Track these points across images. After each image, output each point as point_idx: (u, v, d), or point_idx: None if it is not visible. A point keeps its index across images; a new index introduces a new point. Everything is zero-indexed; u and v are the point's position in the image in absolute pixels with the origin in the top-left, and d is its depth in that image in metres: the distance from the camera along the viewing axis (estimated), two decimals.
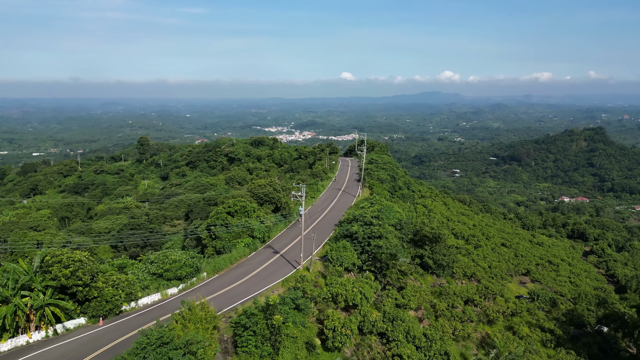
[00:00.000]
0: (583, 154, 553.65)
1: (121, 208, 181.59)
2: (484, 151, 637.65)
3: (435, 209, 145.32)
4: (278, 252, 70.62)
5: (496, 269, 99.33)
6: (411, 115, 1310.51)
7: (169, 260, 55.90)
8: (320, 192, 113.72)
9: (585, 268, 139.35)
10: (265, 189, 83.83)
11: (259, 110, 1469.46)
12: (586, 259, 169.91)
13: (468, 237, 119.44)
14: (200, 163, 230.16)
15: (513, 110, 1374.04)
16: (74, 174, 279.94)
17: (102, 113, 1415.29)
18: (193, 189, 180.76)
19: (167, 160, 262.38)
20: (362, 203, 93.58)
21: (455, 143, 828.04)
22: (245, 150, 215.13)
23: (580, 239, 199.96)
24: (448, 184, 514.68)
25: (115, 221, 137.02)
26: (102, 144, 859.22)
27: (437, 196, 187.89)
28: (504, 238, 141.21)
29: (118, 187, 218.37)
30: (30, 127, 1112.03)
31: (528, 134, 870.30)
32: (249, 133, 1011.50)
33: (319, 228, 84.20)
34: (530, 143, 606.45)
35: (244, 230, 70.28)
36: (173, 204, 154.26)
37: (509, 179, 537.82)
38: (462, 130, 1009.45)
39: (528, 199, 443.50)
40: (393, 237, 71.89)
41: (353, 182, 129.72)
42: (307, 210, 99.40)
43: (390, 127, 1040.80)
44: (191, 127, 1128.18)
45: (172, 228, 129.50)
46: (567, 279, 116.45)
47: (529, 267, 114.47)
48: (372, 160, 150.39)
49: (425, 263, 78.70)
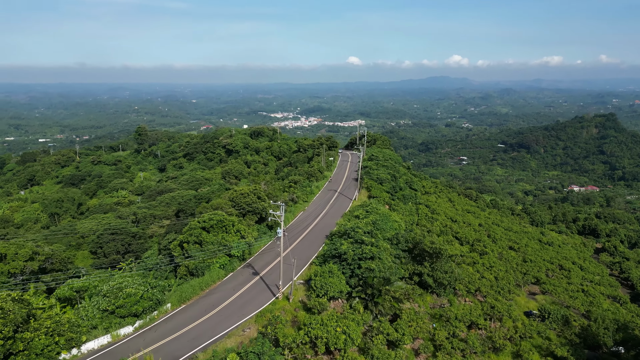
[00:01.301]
0: (593, 141, 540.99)
1: (113, 203, 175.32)
2: (492, 138, 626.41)
3: (439, 208, 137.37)
4: (258, 274, 62.91)
5: (503, 281, 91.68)
6: (419, 100, 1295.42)
7: (123, 295, 48.33)
8: (314, 195, 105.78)
9: (598, 271, 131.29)
10: (248, 198, 76.11)
11: (265, 96, 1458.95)
12: (598, 257, 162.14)
13: (473, 242, 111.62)
14: (197, 155, 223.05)
15: (522, 95, 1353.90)
16: (72, 164, 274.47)
17: (108, 98, 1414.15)
18: (187, 184, 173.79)
19: (165, 151, 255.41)
20: (357, 210, 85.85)
21: (463, 129, 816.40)
22: (243, 142, 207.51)
23: (591, 235, 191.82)
24: (455, 172, 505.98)
25: (102, 221, 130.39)
26: (108, 130, 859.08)
27: (441, 192, 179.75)
28: (512, 240, 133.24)
29: (113, 179, 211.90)
30: (37, 112, 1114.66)
31: (537, 120, 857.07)
32: (254, 119, 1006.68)
33: (308, 240, 76.63)
34: (540, 129, 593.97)
35: (220, 249, 62.87)
36: (164, 201, 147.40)
37: (517, 166, 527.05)
38: (470, 115, 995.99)
39: (536, 188, 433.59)
40: (387, 255, 64.22)
41: (351, 181, 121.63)
42: (299, 216, 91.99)
43: (397, 112, 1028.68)
44: (197, 113, 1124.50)
45: (160, 229, 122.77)
46: (580, 287, 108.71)
47: (539, 274, 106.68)
48: (373, 157, 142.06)
49: (425, 281, 71.18)
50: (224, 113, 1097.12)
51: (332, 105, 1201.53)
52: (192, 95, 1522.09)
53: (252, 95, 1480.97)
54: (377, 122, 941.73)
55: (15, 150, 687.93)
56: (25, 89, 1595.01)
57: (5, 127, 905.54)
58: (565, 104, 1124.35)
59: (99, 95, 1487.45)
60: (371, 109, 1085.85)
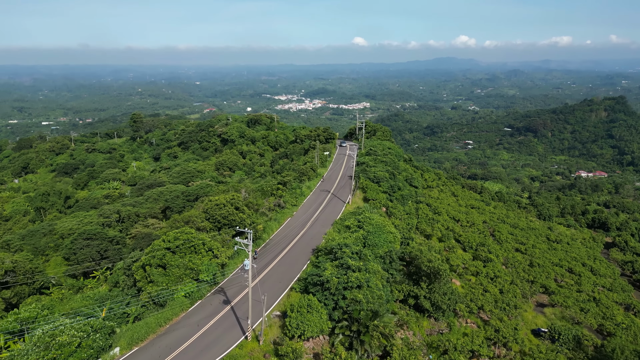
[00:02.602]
0: (602, 124, 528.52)
1: (102, 196, 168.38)
2: (499, 121, 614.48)
3: (441, 206, 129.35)
4: (229, 302, 55.19)
5: (509, 294, 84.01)
6: (425, 82, 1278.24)
7: (55, 345, 40.98)
8: (305, 197, 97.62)
9: (609, 273, 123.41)
10: (224, 210, 68.08)
11: (269, 78, 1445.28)
12: (608, 253, 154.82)
13: (477, 247, 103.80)
14: (192, 144, 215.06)
15: (530, 76, 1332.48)
16: (66, 152, 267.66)
17: (112, 80, 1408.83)
18: (178, 176, 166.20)
19: (160, 139, 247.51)
20: (348, 219, 77.95)
21: (469, 112, 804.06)
22: (239, 131, 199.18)
23: (601, 228, 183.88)
24: (460, 157, 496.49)
25: (83, 220, 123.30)
26: (111, 113, 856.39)
27: (445, 185, 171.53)
28: (518, 240, 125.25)
29: (105, 169, 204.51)
30: (41, 95, 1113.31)
31: (545, 102, 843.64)
32: (258, 101, 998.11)
33: (292, 256, 68.82)
34: (547, 113, 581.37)
35: (187, 273, 55.34)
36: (152, 196, 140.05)
37: (524, 151, 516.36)
38: (476, 98, 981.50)
39: (543, 174, 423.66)
40: (378, 281, 56.48)
41: (346, 180, 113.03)
42: (286, 223, 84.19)
43: (402, 95, 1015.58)
44: (200, 95, 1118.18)
45: (145, 229, 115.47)
46: (591, 294, 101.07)
47: (547, 282, 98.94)
48: (371, 151, 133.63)
49: (421, 304, 63.65)
50: (227, 95, 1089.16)
51: (336, 87, 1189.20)
52: (196, 77, 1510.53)
53: (256, 77, 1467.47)
54: (382, 105, 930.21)
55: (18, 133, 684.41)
56: (29, 71, 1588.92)
57: (8, 109, 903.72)
58: (573, 85, 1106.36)
59: (103, 77, 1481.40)
60: (376, 91, 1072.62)
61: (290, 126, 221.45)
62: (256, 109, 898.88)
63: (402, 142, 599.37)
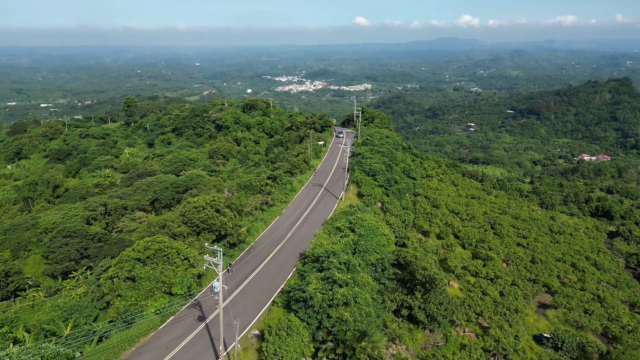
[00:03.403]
0: (606, 106, 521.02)
1: (93, 185, 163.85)
2: (501, 103, 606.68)
3: (440, 197, 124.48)
4: (204, 319, 50.51)
5: (509, 297, 79.58)
6: (427, 63, 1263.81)
7: None
8: (296, 192, 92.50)
9: (613, 266, 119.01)
10: (203, 213, 62.81)
11: (270, 59, 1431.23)
12: (611, 243, 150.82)
13: (476, 244, 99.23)
14: (186, 130, 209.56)
15: (534, 57, 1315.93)
16: (59, 137, 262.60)
17: (111, 62, 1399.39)
18: (170, 165, 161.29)
19: (154, 124, 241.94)
20: (340, 219, 73.16)
21: (472, 94, 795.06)
22: (234, 116, 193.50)
23: (604, 217, 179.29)
24: (462, 140, 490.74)
25: (68, 212, 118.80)
26: (110, 95, 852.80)
27: (445, 173, 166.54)
28: (520, 234, 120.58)
29: (98, 156, 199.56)
30: (40, 76, 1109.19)
31: (548, 83, 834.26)
32: (258, 83, 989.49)
33: (278, 261, 63.98)
34: (551, 94, 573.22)
35: (159, 286, 50.77)
36: (141, 187, 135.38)
37: (526, 133, 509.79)
38: (479, 79, 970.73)
39: (545, 157, 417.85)
40: (367, 294, 51.82)
41: (341, 172, 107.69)
42: (274, 222, 79.41)
43: (404, 76, 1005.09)
44: (200, 77, 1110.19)
45: (131, 223, 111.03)
46: (595, 291, 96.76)
47: (549, 280, 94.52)
48: (367, 140, 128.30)
49: (415, 316, 59.18)
50: (227, 77, 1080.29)
51: (338, 68, 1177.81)
52: (196, 58, 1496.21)
53: (256, 58, 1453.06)
54: (383, 86, 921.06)
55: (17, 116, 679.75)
56: (27, 52, 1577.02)
57: (7, 91, 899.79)
58: (577, 66, 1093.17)
59: (102, 59, 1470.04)
60: (378, 72, 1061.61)
61: (286, 112, 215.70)
62: (256, 90, 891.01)
63: (404, 124, 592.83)
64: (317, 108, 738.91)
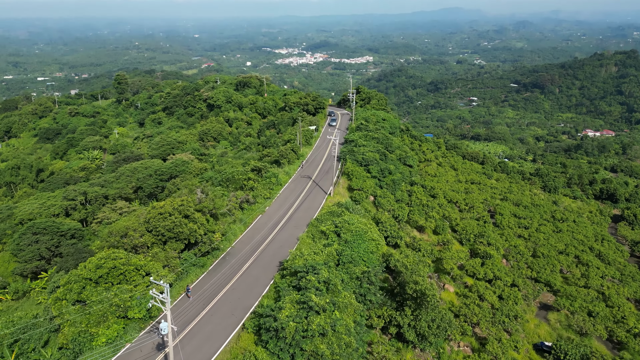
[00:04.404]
0: (612, 80, 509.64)
1: (79, 168, 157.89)
2: (505, 76, 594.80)
3: (438, 185, 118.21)
4: (163, 347, 45.32)
5: (509, 301, 74.12)
6: (430, 34, 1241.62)
7: None
8: (281, 187, 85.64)
9: (618, 258, 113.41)
10: (169, 221, 56.37)
11: (270, 30, 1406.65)
12: (616, 227, 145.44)
13: (475, 239, 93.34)
14: (177, 109, 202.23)
15: (539, 28, 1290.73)
16: (49, 116, 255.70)
17: (109, 33, 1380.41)
18: (157, 148, 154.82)
19: (145, 102, 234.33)
20: (325, 221, 67.00)
21: (475, 66, 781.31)
22: (225, 95, 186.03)
23: (609, 199, 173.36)
24: (464, 115, 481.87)
25: (46, 202, 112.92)
26: (107, 68, 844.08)
27: (444, 156, 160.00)
28: (521, 224, 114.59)
29: (86, 136, 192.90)
30: (36, 49, 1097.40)
31: (553, 55, 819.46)
32: (258, 55, 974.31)
33: (252, 274, 57.37)
34: (556, 67, 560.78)
35: (112, 310, 45.09)
36: (125, 173, 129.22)
37: (530, 108, 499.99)
38: (482, 51, 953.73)
39: (549, 133, 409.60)
40: (348, 319, 46.13)
41: (332, 161, 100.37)
42: (255, 222, 73.34)
43: (407, 48, 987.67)
44: (199, 49, 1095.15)
45: (112, 213, 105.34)
46: (600, 288, 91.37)
47: (552, 277, 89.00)
48: (362, 125, 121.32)
49: (404, 335, 53.63)
50: (227, 49, 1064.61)
51: (339, 40, 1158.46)
52: (195, 30, 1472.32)
53: (256, 29, 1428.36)
54: (385, 59, 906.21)
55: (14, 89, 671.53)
56: (24, 24, 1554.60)
57: (3, 64, 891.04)
58: (583, 37, 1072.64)
59: (99, 30, 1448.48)
60: (380, 44, 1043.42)
61: (281, 90, 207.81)
62: (256, 63, 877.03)
63: (405, 98, 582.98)
64: (317, 81, 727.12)
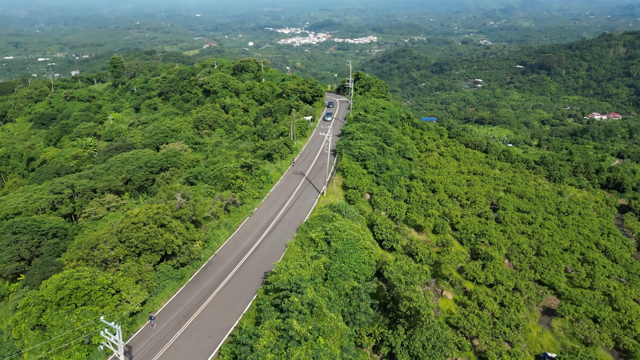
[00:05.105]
0: (620, 61, 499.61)
1: (71, 157, 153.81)
2: (511, 57, 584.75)
3: (439, 178, 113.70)
4: None
5: (510, 309, 70.19)
6: (435, 13, 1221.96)
7: None
8: (272, 185, 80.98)
9: (625, 253, 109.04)
10: (142, 231, 50.84)
11: (272, 9, 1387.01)
12: (622, 218, 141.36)
13: (476, 239, 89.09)
14: (173, 94, 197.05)
15: (547, 6, 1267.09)
16: (45, 100, 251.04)
17: (109, 12, 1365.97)
18: (151, 136, 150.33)
19: (141, 87, 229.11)
20: (315, 228, 62.61)
21: (480, 47, 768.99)
22: (222, 81, 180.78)
23: (615, 189, 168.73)
24: (468, 97, 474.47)
25: (32, 195, 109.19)
26: (108, 48, 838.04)
27: (446, 145, 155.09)
28: (525, 219, 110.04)
29: (80, 122, 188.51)
30: (37, 28, 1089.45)
31: (561, 35, 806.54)
32: (260, 35, 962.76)
33: (234, 287, 52.98)
34: (563, 48, 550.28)
35: (76, 335, 41.29)
36: (116, 164, 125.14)
37: (536, 90, 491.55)
38: (489, 30, 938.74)
39: (554, 116, 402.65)
40: (333, 346, 42.22)
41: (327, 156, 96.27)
42: (242, 225, 69.12)
43: (411, 27, 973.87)
44: (201, 29, 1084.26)
45: (100, 208, 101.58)
46: (607, 289, 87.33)
47: (556, 278, 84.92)
48: (360, 116, 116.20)
49: (396, 356, 49.80)
50: (228, 29, 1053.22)
51: (342, 19, 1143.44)
52: (196, 8, 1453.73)
53: (258, 8, 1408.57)
54: (389, 39, 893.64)
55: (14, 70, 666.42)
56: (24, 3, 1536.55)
57: (4, 45, 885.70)
58: (591, 16, 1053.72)
59: (100, 9, 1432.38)
60: (384, 24, 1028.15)
61: (279, 75, 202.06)
62: (258, 43, 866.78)
63: (409, 80, 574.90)
64: (320, 62, 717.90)
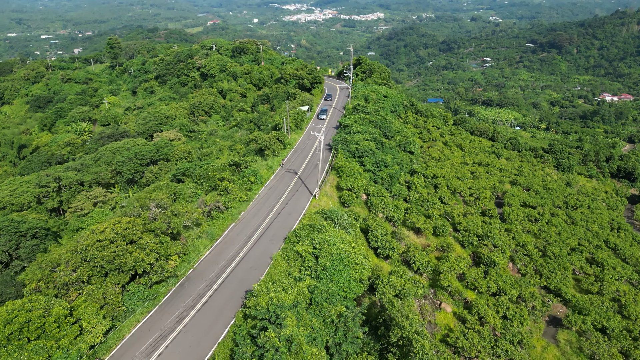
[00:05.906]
0: (633, 39, 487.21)
1: (63, 144, 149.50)
2: (521, 35, 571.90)
3: (442, 170, 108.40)
4: None
5: (514, 322, 65.62)
6: None
7: None
8: (261, 185, 75.87)
9: (635, 252, 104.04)
10: (109, 250, 45.19)
11: None
12: (632, 209, 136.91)
13: (479, 242, 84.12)
14: (170, 78, 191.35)
15: None
16: (42, 81, 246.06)
17: None
18: (144, 124, 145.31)
19: (138, 69, 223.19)
20: (303, 240, 57.76)
21: (490, 24, 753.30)
22: (219, 64, 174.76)
23: (626, 178, 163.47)
24: (476, 77, 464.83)
25: (17, 189, 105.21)
26: (111, 25, 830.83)
27: (451, 133, 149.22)
28: (531, 216, 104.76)
29: (75, 106, 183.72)
30: (40, 4, 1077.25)
31: (572, 12, 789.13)
32: (265, 12, 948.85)
33: (210, 311, 48.46)
34: (574, 26, 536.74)
35: None
36: (106, 154, 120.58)
37: (545, 69, 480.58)
38: (499, 7, 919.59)
39: (564, 97, 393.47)
40: None
41: (324, 152, 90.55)
42: (226, 233, 64.51)
43: (419, 4, 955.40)
44: (205, 5, 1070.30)
45: (87, 202, 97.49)
46: (616, 295, 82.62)
47: (563, 284, 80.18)
48: (358, 107, 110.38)
49: None
50: (233, 5, 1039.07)
51: None
52: None
53: None
54: (397, 15, 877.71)
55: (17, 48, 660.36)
56: None
57: (6, 21, 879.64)
58: None
59: None
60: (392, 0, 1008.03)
61: (279, 57, 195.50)
62: (263, 20, 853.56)
63: (416, 59, 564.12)
64: (325, 40, 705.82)
